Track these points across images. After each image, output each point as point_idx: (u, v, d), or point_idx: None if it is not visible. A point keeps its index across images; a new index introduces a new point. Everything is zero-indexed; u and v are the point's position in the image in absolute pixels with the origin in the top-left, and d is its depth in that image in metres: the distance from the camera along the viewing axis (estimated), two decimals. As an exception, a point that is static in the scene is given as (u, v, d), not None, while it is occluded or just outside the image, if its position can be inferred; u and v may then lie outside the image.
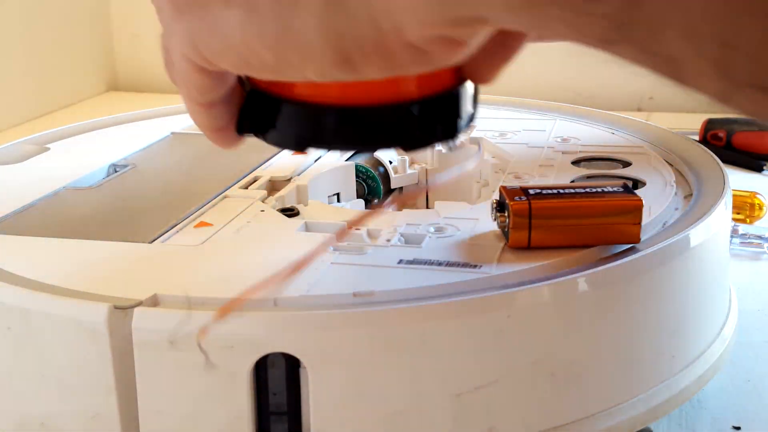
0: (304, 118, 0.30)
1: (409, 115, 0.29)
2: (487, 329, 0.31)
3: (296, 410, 0.31)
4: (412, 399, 0.31)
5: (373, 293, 0.31)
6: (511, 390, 0.32)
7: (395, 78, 0.27)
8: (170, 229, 0.38)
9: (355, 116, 0.29)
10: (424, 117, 0.30)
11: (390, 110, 0.29)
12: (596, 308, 0.33)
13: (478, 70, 0.29)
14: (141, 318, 0.30)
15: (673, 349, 0.36)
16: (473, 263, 0.34)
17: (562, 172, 0.45)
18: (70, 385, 0.32)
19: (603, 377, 0.34)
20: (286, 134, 0.30)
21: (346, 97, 0.29)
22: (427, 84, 0.29)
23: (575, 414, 0.33)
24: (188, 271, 0.35)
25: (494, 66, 0.29)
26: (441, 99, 0.30)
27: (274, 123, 0.30)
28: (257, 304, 0.31)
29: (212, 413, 0.31)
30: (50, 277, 0.33)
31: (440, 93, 0.30)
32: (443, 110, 0.30)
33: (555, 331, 0.32)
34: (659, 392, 0.35)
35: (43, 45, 0.92)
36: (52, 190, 0.44)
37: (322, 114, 0.29)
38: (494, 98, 0.62)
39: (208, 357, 0.29)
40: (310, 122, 0.30)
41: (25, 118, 0.89)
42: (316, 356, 0.30)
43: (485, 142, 0.51)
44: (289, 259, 0.34)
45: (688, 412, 0.39)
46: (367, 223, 0.37)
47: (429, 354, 0.31)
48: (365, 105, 0.29)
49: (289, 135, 0.30)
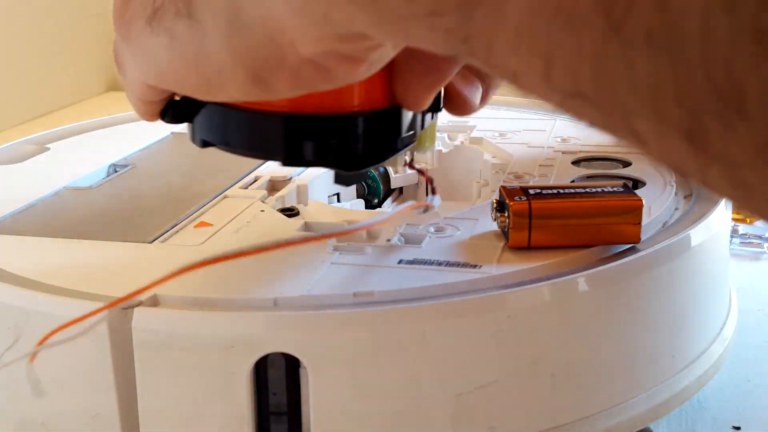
0: (212, 115, 0.31)
1: (299, 127, 0.30)
2: (487, 329, 0.31)
3: (296, 410, 0.31)
4: (412, 399, 0.31)
5: (373, 293, 0.31)
6: (510, 390, 0.32)
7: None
8: (170, 229, 0.38)
9: (255, 121, 0.30)
10: (320, 133, 0.30)
11: (287, 119, 0.30)
12: (596, 308, 0.33)
13: (408, 92, 0.30)
14: (141, 318, 0.30)
15: (673, 349, 0.36)
16: (473, 263, 0.34)
17: (562, 172, 0.45)
18: (70, 385, 0.32)
19: (603, 377, 0.34)
20: (194, 129, 0.32)
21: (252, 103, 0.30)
22: (331, 102, 0.30)
23: (575, 414, 0.33)
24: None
25: (424, 89, 0.30)
26: (351, 118, 0.30)
27: (191, 119, 0.32)
28: (257, 304, 0.31)
29: (212, 413, 0.31)
30: (50, 277, 0.33)
31: (355, 112, 0.30)
32: (358, 129, 0.31)
33: (555, 331, 0.32)
34: (659, 392, 0.35)
35: (43, 45, 0.92)
36: (51, 190, 0.44)
37: (227, 114, 0.31)
38: (494, 98, 0.61)
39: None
40: (215, 120, 0.31)
41: (24, 118, 0.89)
42: (316, 356, 0.30)
43: (485, 142, 0.51)
44: (288, 259, 0.34)
45: (688, 412, 0.39)
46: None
47: (429, 354, 0.31)
48: (266, 110, 0.30)
49: (197, 130, 0.32)
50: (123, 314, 0.30)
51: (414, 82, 0.30)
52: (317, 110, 0.30)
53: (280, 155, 0.31)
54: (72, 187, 0.45)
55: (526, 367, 0.32)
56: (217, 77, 0.27)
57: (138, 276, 0.34)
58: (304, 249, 0.36)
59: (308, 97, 0.28)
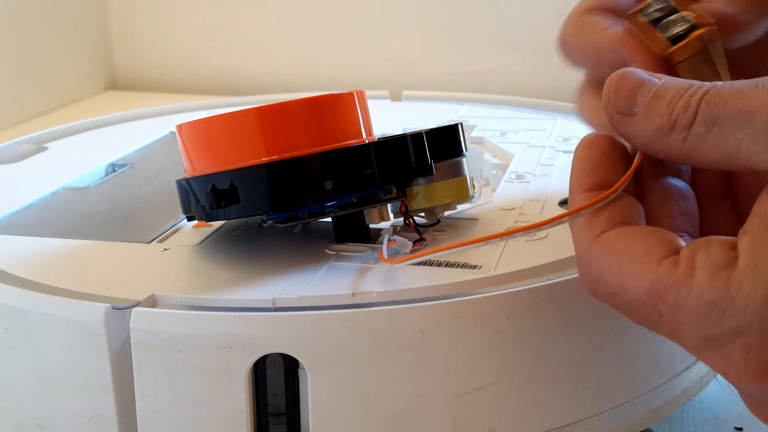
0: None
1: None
2: (487, 329, 0.31)
3: (295, 411, 0.31)
4: (412, 400, 0.31)
5: (373, 293, 0.31)
6: (511, 391, 0.31)
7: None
8: (169, 229, 0.38)
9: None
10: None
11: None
12: (596, 308, 0.33)
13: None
14: (139, 318, 0.30)
15: (674, 350, 0.36)
16: (473, 263, 0.33)
17: (563, 172, 0.45)
18: (67, 385, 0.31)
19: (604, 378, 0.33)
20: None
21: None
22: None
23: (575, 415, 0.33)
24: (187, 272, 0.35)
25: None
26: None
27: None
28: (255, 305, 0.31)
29: (210, 414, 0.30)
30: (48, 277, 0.33)
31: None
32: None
33: (555, 331, 0.32)
34: (661, 393, 0.35)
35: (40, 44, 0.92)
36: (50, 189, 0.44)
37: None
38: (494, 98, 0.61)
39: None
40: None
41: (22, 118, 0.89)
42: (315, 357, 0.30)
43: (486, 141, 0.51)
44: (287, 260, 0.34)
45: (690, 413, 0.39)
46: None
47: (429, 354, 0.30)
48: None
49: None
50: (121, 314, 0.30)
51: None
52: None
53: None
54: (70, 186, 0.45)
55: (526, 368, 0.32)
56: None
57: (136, 276, 0.34)
58: (303, 249, 0.35)
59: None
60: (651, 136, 0.27)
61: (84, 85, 1.01)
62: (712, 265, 0.25)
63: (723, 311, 0.25)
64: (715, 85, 0.26)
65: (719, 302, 0.25)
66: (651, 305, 0.26)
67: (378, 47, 0.94)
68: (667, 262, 0.26)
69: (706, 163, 0.27)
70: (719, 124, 0.26)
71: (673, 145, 0.27)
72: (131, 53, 1.03)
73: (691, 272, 0.25)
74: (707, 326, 0.25)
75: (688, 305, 0.25)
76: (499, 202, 0.41)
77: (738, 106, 0.25)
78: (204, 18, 1.00)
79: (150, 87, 1.03)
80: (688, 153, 0.27)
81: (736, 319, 0.25)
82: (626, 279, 0.26)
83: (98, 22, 1.02)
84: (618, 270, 0.27)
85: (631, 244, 0.27)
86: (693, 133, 0.26)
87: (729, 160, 0.26)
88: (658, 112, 0.27)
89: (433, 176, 0.35)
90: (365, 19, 0.94)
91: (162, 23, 1.01)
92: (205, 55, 1.00)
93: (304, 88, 0.91)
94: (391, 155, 0.34)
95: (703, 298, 0.25)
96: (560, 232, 0.37)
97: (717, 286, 0.25)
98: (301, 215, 0.33)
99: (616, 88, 0.28)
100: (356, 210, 0.34)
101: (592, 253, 0.28)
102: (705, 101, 0.26)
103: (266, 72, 0.97)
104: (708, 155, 0.26)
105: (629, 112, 0.28)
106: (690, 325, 0.25)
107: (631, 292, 0.26)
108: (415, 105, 0.61)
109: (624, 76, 0.28)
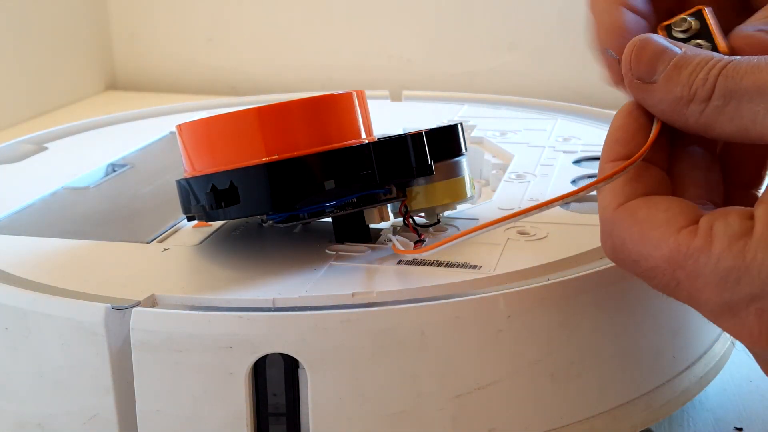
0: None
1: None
2: (487, 329, 0.31)
3: (295, 411, 0.31)
4: (412, 400, 0.31)
5: (373, 293, 0.31)
6: (511, 391, 0.31)
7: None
8: (168, 229, 0.38)
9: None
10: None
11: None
12: (596, 308, 0.33)
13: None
14: (139, 318, 0.30)
15: (674, 350, 0.36)
16: (473, 263, 0.33)
17: (563, 172, 0.45)
18: (67, 385, 0.31)
19: (603, 378, 0.33)
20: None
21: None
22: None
23: (575, 415, 0.33)
24: (187, 272, 0.35)
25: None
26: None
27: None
28: (255, 305, 0.31)
29: (210, 414, 0.30)
30: (47, 277, 0.33)
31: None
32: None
33: (555, 331, 0.32)
34: (660, 393, 0.35)
35: (40, 44, 0.92)
36: (49, 189, 0.44)
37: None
38: (494, 98, 0.61)
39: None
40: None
41: (22, 118, 0.89)
42: (315, 357, 0.30)
43: (486, 141, 0.51)
44: (287, 260, 0.34)
45: (690, 413, 0.39)
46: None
47: (429, 354, 0.30)
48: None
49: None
50: (121, 315, 0.30)
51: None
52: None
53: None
54: (70, 186, 0.45)
55: (526, 368, 0.32)
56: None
57: (136, 276, 0.34)
58: (303, 249, 0.35)
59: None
60: (669, 105, 0.28)
61: (84, 85, 1.01)
62: (730, 234, 0.26)
63: (739, 278, 0.25)
64: (733, 59, 0.27)
65: (735, 269, 0.25)
66: (670, 272, 0.27)
67: (378, 47, 0.94)
68: (686, 231, 0.26)
69: (723, 136, 0.27)
70: (736, 98, 0.26)
71: (690, 116, 0.27)
72: (131, 53, 1.03)
73: (709, 241, 0.26)
74: (724, 293, 0.26)
75: (706, 272, 0.26)
76: (499, 202, 0.41)
77: (754, 80, 0.26)
78: (204, 18, 1.00)
79: (150, 87, 1.03)
80: (705, 125, 0.27)
81: (752, 285, 0.25)
82: (647, 247, 0.27)
83: (98, 22, 1.02)
84: (639, 238, 0.27)
85: (653, 212, 0.27)
86: (711, 106, 0.27)
87: (745, 133, 0.26)
88: (678, 82, 0.27)
89: (433, 176, 0.35)
90: (365, 19, 0.94)
91: (162, 23, 1.01)
92: (205, 55, 1.00)
93: (304, 88, 0.91)
94: (391, 155, 0.34)
95: (720, 265, 0.25)
96: (560, 233, 0.37)
97: (734, 254, 0.25)
98: (301, 215, 0.33)
99: (638, 54, 0.28)
100: (356, 210, 0.34)
101: (615, 220, 0.28)
102: (723, 75, 0.27)
103: (266, 72, 0.97)
104: (724, 128, 0.27)
105: (649, 79, 0.28)
106: (708, 292, 0.26)
107: (651, 259, 0.27)
108: (415, 105, 0.62)
109: (645, 41, 0.28)
